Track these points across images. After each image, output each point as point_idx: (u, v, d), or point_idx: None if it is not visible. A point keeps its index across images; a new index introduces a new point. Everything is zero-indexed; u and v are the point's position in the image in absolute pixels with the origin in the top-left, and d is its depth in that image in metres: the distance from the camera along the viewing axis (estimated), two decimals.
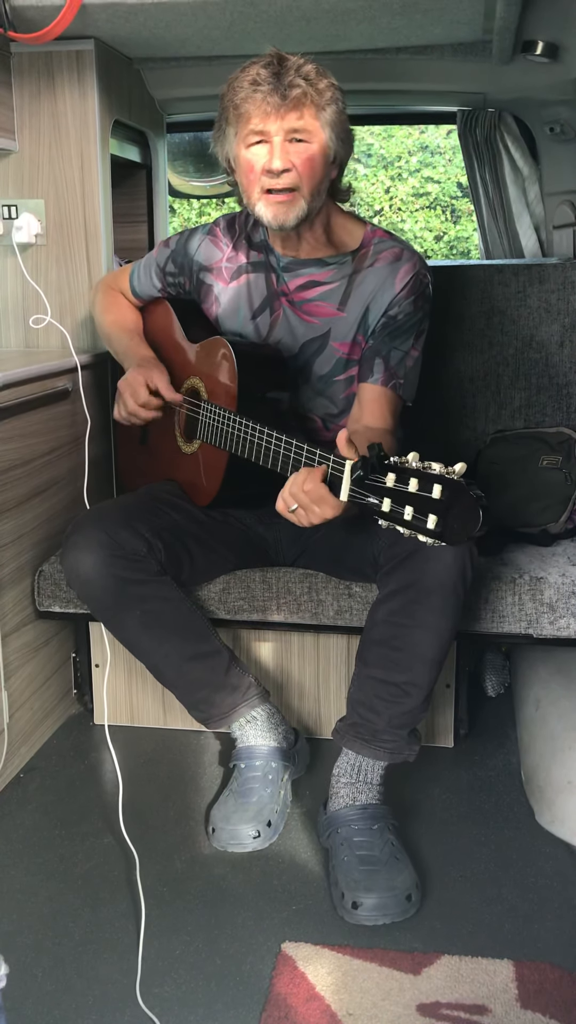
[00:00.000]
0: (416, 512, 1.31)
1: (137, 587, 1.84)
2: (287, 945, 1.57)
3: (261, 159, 1.77)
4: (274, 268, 1.96)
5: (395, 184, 10.39)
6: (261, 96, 1.72)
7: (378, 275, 1.91)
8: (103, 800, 1.98)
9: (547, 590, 1.94)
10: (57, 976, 1.51)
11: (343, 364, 1.95)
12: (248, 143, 1.78)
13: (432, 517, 1.28)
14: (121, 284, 2.22)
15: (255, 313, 1.98)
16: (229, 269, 2.01)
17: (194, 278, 2.07)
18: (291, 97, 1.72)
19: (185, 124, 3.12)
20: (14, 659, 2.06)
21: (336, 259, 1.92)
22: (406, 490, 1.32)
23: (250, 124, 1.75)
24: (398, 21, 2.08)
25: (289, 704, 2.21)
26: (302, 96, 1.73)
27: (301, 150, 1.76)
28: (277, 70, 1.73)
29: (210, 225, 2.07)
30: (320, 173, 1.80)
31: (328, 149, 1.80)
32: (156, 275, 2.13)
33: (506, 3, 1.83)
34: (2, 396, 1.94)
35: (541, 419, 2.54)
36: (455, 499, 1.28)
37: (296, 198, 1.79)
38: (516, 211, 3.14)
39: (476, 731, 2.24)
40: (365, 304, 1.91)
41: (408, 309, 1.90)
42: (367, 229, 1.96)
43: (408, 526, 1.33)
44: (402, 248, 1.94)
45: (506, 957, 1.53)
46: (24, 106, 2.33)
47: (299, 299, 1.94)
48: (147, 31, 2.17)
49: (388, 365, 1.90)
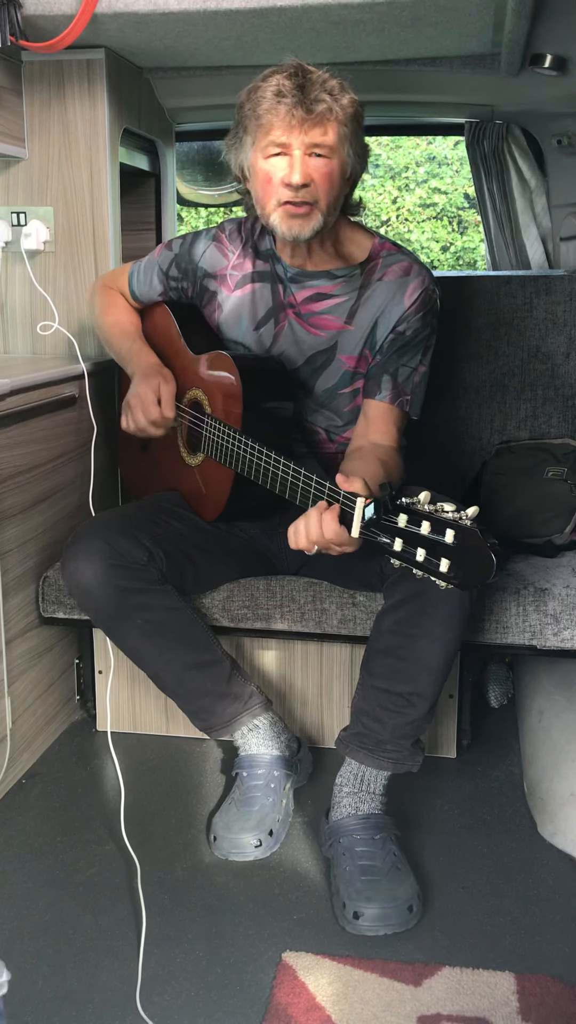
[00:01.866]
0: (428, 555, 1.30)
1: (138, 596, 1.84)
2: (288, 955, 1.56)
3: (280, 171, 1.76)
4: (281, 279, 1.96)
5: (402, 194, 10.41)
6: (286, 109, 1.71)
7: (387, 290, 1.91)
8: (105, 807, 1.98)
9: (551, 601, 1.94)
10: (57, 983, 1.51)
11: (349, 377, 1.95)
12: (267, 154, 1.76)
13: (445, 562, 1.28)
14: (120, 284, 2.18)
15: (259, 323, 1.98)
16: (234, 277, 2.01)
17: (198, 284, 2.06)
18: (316, 112, 1.71)
19: (194, 133, 3.14)
20: (17, 665, 2.06)
21: (345, 272, 1.92)
22: (418, 532, 1.32)
23: (271, 135, 1.74)
24: (407, 33, 2.09)
25: (292, 713, 2.21)
26: (327, 112, 1.72)
27: (321, 165, 1.75)
28: (302, 82, 1.71)
29: (215, 230, 2.05)
30: (337, 188, 1.79)
31: (346, 165, 1.79)
32: (158, 278, 2.11)
33: (515, 16, 1.83)
34: (8, 402, 1.94)
35: (547, 430, 2.54)
36: (468, 546, 1.27)
37: (313, 212, 1.78)
38: (523, 223, 3.15)
39: (479, 742, 2.24)
40: (373, 319, 1.91)
41: (417, 325, 1.90)
42: (375, 241, 1.95)
43: (420, 568, 1.33)
44: (411, 263, 1.93)
45: (507, 969, 1.53)
46: (34, 114, 2.35)
47: (306, 311, 1.94)
48: (157, 41, 2.18)
49: (396, 382, 1.90)
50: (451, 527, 1.27)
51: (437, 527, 1.29)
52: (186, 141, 3.28)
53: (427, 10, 1.92)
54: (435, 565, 1.29)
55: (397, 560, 1.37)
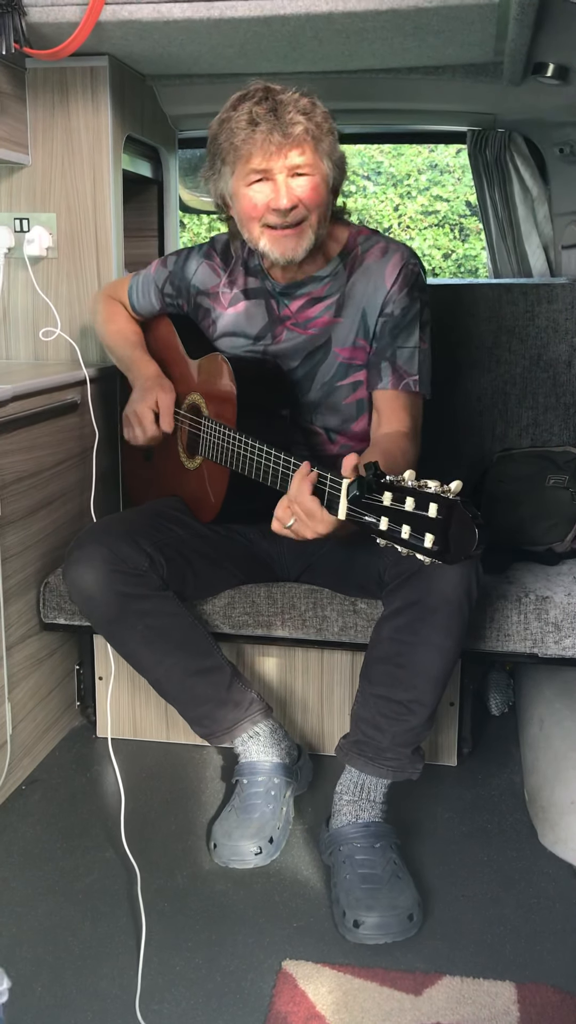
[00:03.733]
0: (413, 531, 1.31)
1: (139, 602, 1.83)
2: (288, 963, 1.56)
3: (264, 196, 1.77)
4: (272, 293, 1.97)
5: (404, 202, 10.43)
6: (262, 136, 1.71)
7: (368, 274, 1.90)
8: (105, 813, 1.98)
9: (552, 609, 1.94)
10: (56, 991, 1.50)
11: (345, 369, 1.94)
12: (249, 181, 1.77)
13: (429, 536, 1.28)
14: (121, 296, 2.22)
15: (256, 338, 1.99)
16: (227, 295, 2.02)
17: (191, 301, 2.08)
18: (293, 136, 1.72)
19: (197, 140, 3.14)
20: (18, 671, 2.06)
21: (330, 270, 1.92)
22: (403, 509, 1.32)
23: (251, 163, 1.75)
24: (410, 42, 2.09)
25: (292, 720, 2.21)
26: (304, 133, 1.72)
27: (305, 183, 1.76)
28: (273, 106, 1.72)
29: (206, 247, 2.07)
30: (324, 201, 1.80)
31: (328, 177, 1.80)
32: (155, 296, 2.15)
33: (518, 26, 1.84)
34: (10, 408, 1.94)
35: (548, 438, 2.54)
36: (451, 518, 1.27)
37: (304, 229, 1.79)
38: (525, 231, 3.15)
39: (480, 750, 2.24)
40: (360, 307, 1.91)
41: (404, 303, 1.89)
42: (351, 230, 1.95)
43: (406, 545, 1.33)
44: (387, 242, 1.93)
45: (508, 979, 1.52)
46: (38, 121, 2.35)
47: (303, 319, 1.95)
48: (161, 48, 2.19)
49: (396, 366, 1.89)
50: (434, 501, 1.28)
51: (421, 502, 1.29)
52: (189, 148, 3.27)
53: (430, 19, 1.93)
54: (420, 541, 1.29)
55: (383, 540, 1.37)
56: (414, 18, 1.92)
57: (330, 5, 1.88)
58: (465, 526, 1.26)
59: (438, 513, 1.27)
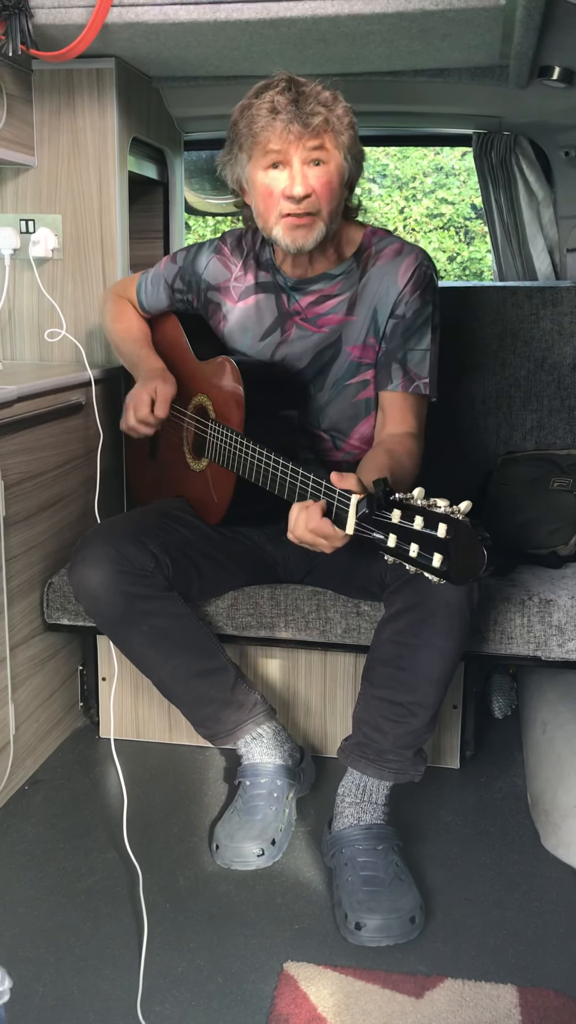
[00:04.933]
0: (421, 550, 1.30)
1: (144, 603, 1.84)
2: (289, 965, 1.56)
3: (280, 183, 1.77)
4: (283, 288, 1.97)
5: (409, 204, 10.44)
6: (282, 124, 1.72)
7: (381, 274, 1.91)
8: (107, 814, 1.98)
9: (556, 612, 1.94)
10: (58, 991, 1.50)
11: (355, 367, 1.95)
12: (266, 166, 1.78)
13: (437, 556, 1.28)
14: (129, 294, 2.22)
15: (265, 334, 1.99)
16: (238, 289, 2.02)
17: (202, 296, 2.08)
18: (313, 125, 1.73)
19: (202, 142, 3.15)
20: (21, 671, 2.06)
21: (343, 269, 1.93)
22: (411, 527, 1.32)
23: (269, 149, 1.76)
24: (416, 45, 2.10)
25: (295, 722, 2.21)
26: (323, 124, 1.74)
27: (320, 173, 1.77)
28: (295, 97, 1.73)
29: (216, 242, 2.07)
30: (337, 195, 1.81)
31: (344, 171, 1.81)
32: (164, 291, 2.14)
33: (524, 29, 1.84)
34: (15, 409, 1.95)
35: (552, 441, 2.54)
36: (460, 539, 1.27)
37: (315, 221, 1.80)
38: (530, 234, 3.16)
39: (482, 753, 2.24)
40: (372, 306, 1.91)
41: (416, 305, 1.90)
42: (367, 230, 1.97)
43: (413, 563, 1.33)
44: (402, 243, 1.94)
45: (510, 982, 1.52)
46: (44, 122, 2.36)
47: (312, 315, 1.95)
48: (167, 51, 2.19)
49: (406, 369, 1.90)
50: (444, 521, 1.28)
51: (430, 522, 1.29)
52: (194, 150, 3.28)
53: (436, 22, 1.93)
54: (428, 560, 1.29)
55: (390, 556, 1.37)
56: (420, 21, 1.92)
57: (336, 8, 1.89)
58: (474, 547, 1.26)
59: (447, 533, 1.27)
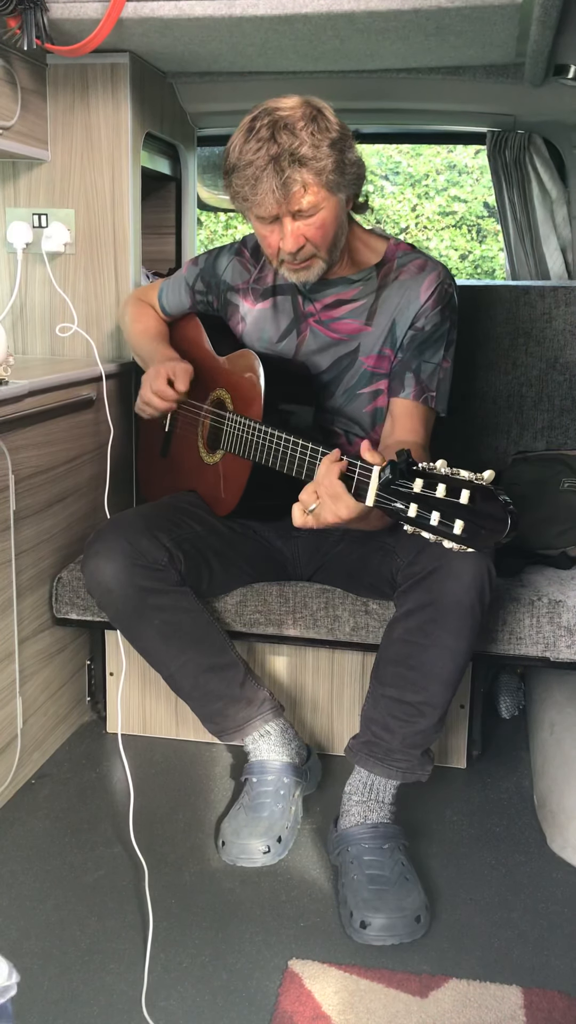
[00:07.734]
0: (443, 518, 1.29)
1: (157, 597, 1.84)
2: (294, 962, 1.56)
3: (275, 236, 1.79)
4: (300, 290, 1.97)
5: (422, 202, 10.41)
6: (264, 190, 1.70)
7: (403, 287, 1.91)
8: (113, 809, 1.98)
9: (565, 613, 1.93)
10: (63, 985, 1.51)
11: (368, 377, 1.95)
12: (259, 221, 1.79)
13: (459, 522, 1.27)
14: (151, 298, 2.25)
15: (281, 336, 1.99)
16: (256, 291, 2.03)
17: (222, 297, 2.09)
18: (292, 191, 1.71)
19: (215, 138, 3.14)
20: (30, 665, 2.07)
21: (361, 275, 1.93)
22: (433, 495, 1.31)
23: (259, 212, 1.76)
24: (432, 42, 2.09)
25: (302, 719, 2.21)
26: (302, 187, 1.71)
27: (312, 222, 1.76)
28: (276, 152, 1.68)
29: (238, 245, 2.09)
30: (333, 232, 1.80)
31: (339, 206, 1.79)
32: (185, 293, 2.16)
33: (540, 27, 1.83)
34: (27, 403, 1.95)
35: (563, 441, 2.53)
36: (483, 505, 1.26)
37: (314, 262, 1.82)
38: (543, 233, 3.14)
39: (489, 753, 2.23)
40: (391, 317, 1.92)
41: (435, 320, 1.91)
42: (390, 243, 1.97)
43: (434, 531, 1.32)
44: (425, 259, 1.94)
45: (514, 983, 1.52)
46: (58, 117, 2.36)
47: (327, 318, 1.95)
48: (181, 46, 2.19)
49: (419, 379, 1.90)
50: (467, 487, 1.27)
51: (453, 489, 1.28)
52: (208, 146, 3.28)
53: (452, 19, 1.92)
54: (449, 528, 1.28)
55: (411, 527, 1.35)
56: (436, 18, 1.92)
57: (352, 4, 1.88)
58: (497, 513, 1.26)
59: (470, 500, 1.26)
